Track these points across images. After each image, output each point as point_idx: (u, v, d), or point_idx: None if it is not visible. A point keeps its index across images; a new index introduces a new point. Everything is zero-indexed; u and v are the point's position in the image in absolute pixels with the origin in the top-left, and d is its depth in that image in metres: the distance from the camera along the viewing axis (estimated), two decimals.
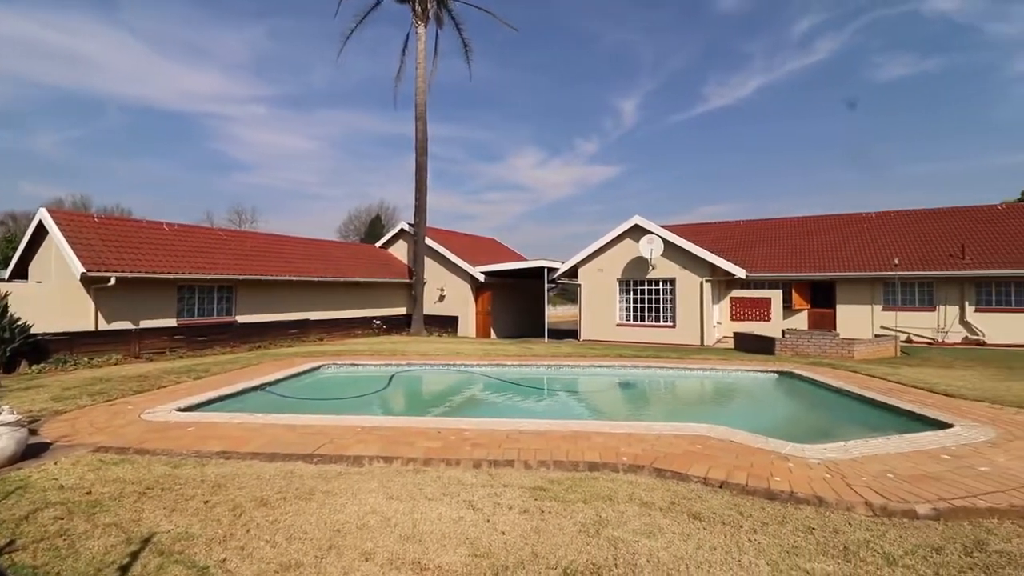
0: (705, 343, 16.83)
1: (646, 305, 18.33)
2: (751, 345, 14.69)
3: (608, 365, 11.51)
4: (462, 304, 21.44)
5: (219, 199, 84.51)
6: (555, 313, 46.80)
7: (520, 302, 24.18)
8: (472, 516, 3.50)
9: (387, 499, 3.82)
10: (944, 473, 4.26)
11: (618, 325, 18.57)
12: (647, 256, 17.49)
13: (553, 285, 25.03)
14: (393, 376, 10.43)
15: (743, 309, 19.01)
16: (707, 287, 17.16)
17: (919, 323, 18.37)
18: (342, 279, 18.70)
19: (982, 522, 3.46)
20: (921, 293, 18.62)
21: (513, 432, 5.51)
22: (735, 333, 16.17)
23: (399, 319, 21.49)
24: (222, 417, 6.38)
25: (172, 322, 13.93)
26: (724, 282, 19.09)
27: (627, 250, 18.39)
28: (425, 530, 3.29)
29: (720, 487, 4.04)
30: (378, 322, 20.46)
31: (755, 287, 19.79)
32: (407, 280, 21.56)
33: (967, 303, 17.84)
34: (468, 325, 21.25)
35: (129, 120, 71.73)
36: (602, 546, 3.06)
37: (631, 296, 18.63)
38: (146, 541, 3.15)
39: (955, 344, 17.48)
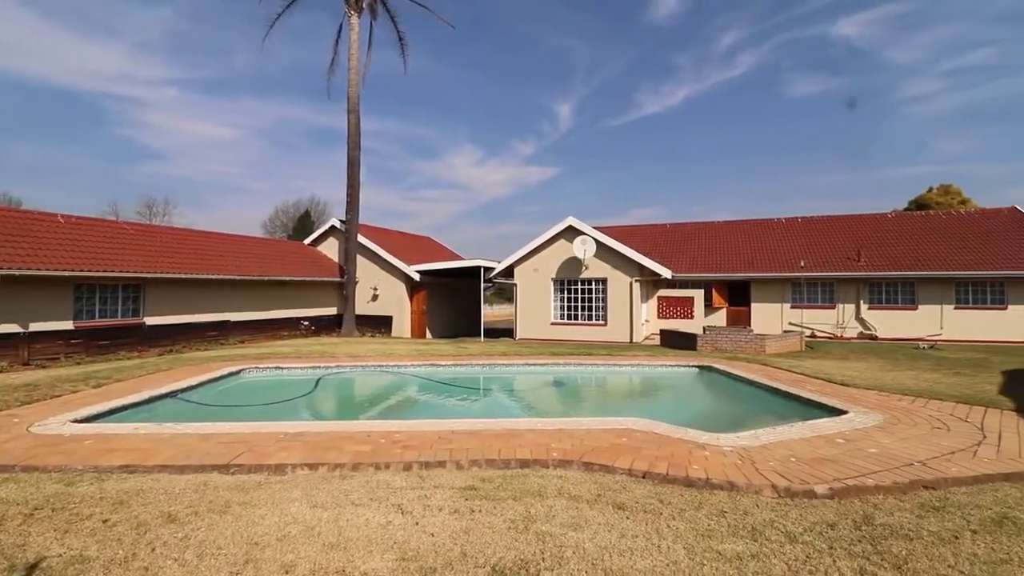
0: (634, 340, 17.54)
1: (579, 304, 18.82)
2: (675, 341, 15.48)
3: (542, 363, 11.70)
4: (396, 304, 20.99)
5: (127, 190, 77.15)
6: (492, 312, 46.93)
7: (456, 302, 24.04)
8: (401, 520, 3.44)
9: (311, 507, 3.66)
10: (839, 456, 4.71)
11: (553, 324, 18.93)
12: (580, 256, 17.97)
13: (489, 284, 25.11)
14: (320, 379, 10.02)
15: (669, 308, 20.00)
16: (636, 287, 17.89)
17: (821, 320, 20.18)
18: (267, 277, 17.70)
19: (870, 498, 3.85)
20: (823, 293, 20.45)
21: (445, 433, 5.47)
22: (661, 330, 16.97)
23: (329, 319, 20.69)
24: (125, 428, 5.85)
25: (68, 324, 12.58)
26: (652, 282, 19.98)
27: (561, 250, 18.79)
28: (351, 537, 3.19)
29: (643, 477, 4.22)
30: (306, 323, 19.59)
31: (680, 287, 20.87)
32: (338, 279, 20.80)
33: (862, 302, 19.82)
34: (403, 325, 20.84)
35: (17, 99, 63.90)
36: (530, 541, 3.11)
37: (565, 295, 19.05)
38: (33, 567, 2.83)
39: (852, 339, 19.34)
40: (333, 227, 22.73)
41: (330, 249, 22.69)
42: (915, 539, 3.17)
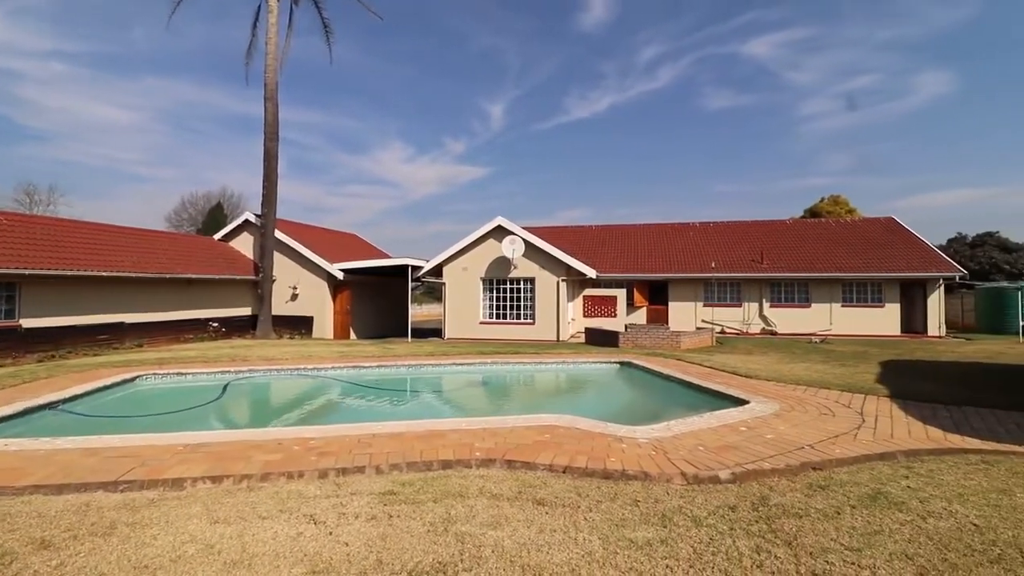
0: (561, 339, 17.96)
1: (508, 303, 18.98)
2: (599, 339, 16.04)
3: (469, 363, 11.66)
4: (318, 303, 20.05)
5: (1, 175, 67.85)
6: (420, 312, 46.14)
7: (383, 301, 23.40)
8: (313, 530, 3.27)
9: (211, 524, 3.39)
10: (741, 443, 5.07)
11: (481, 323, 18.95)
12: (509, 256, 18.13)
13: (418, 284, 24.67)
14: (229, 385, 9.34)
15: (594, 306, 20.69)
16: (563, 286, 18.33)
17: (730, 317, 21.77)
18: (170, 275, 16.21)
19: (766, 481, 4.18)
20: (731, 292, 22.07)
21: (366, 437, 5.29)
22: (586, 328, 17.52)
23: (243, 321, 19.37)
24: None
25: None
26: (578, 281, 20.56)
27: (491, 250, 18.85)
28: (256, 552, 2.98)
29: (564, 472, 4.31)
30: (216, 324, 18.20)
31: (604, 286, 21.65)
32: (253, 277, 19.52)
33: (764, 300, 21.60)
34: (324, 326, 19.94)
35: None
36: (449, 543, 3.07)
37: (494, 295, 19.14)
38: None
39: (756, 334, 21.02)
40: (248, 222, 21.29)
41: (244, 245, 21.24)
42: (803, 516, 3.48)
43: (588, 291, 20.99)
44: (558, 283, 18.32)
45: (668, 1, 78.11)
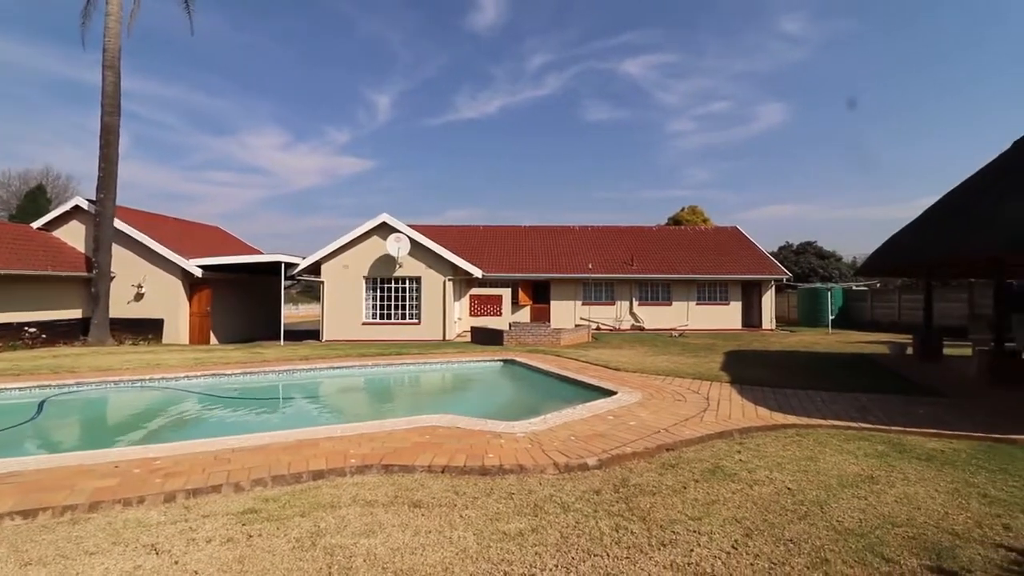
0: (447, 338, 17.92)
1: (393, 303, 18.48)
2: (484, 338, 16.29)
3: (349, 366, 11.14)
4: (170, 304, 17.71)
5: None
6: (296, 313, 43.12)
7: (252, 302, 21.42)
8: (154, 562, 2.89)
9: (21, 567, 2.85)
10: (608, 431, 5.49)
11: (364, 324, 18.22)
12: (394, 254, 17.66)
13: (293, 282, 22.97)
14: (47, 401, 7.89)
15: (480, 305, 20.97)
16: (450, 285, 18.30)
17: (604, 314, 23.42)
18: None
19: (627, 464, 4.57)
20: (606, 291, 23.76)
21: (224, 452, 4.80)
22: (472, 328, 17.68)
23: (70, 325, 16.45)
24: None
25: None
26: (465, 281, 20.66)
27: (374, 247, 18.20)
28: None
29: (442, 472, 4.32)
30: (33, 330, 15.24)
31: (490, 286, 22.04)
32: (85, 274, 16.67)
33: (634, 299, 23.57)
34: (178, 330, 17.69)
35: None
36: (317, 558, 2.91)
37: (378, 294, 18.50)
38: None
39: (626, 330, 22.85)
40: (79, 208, 18.07)
41: (74, 236, 18.02)
42: (656, 493, 3.87)
43: (475, 290, 21.21)
44: (445, 282, 18.25)
45: (554, 13, 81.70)
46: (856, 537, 3.15)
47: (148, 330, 17.33)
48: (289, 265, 18.14)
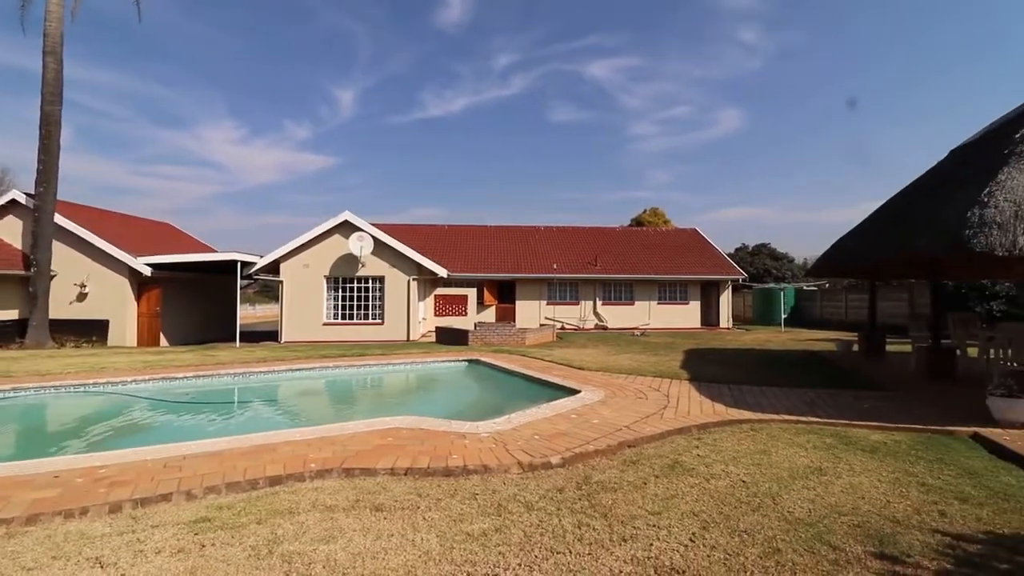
0: (411, 338, 17.71)
1: (355, 303, 18.13)
2: (450, 338, 16.19)
3: (310, 367, 10.86)
4: (116, 305, 16.80)
5: None
6: (253, 313, 41.77)
7: (206, 302, 20.59)
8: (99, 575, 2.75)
9: None
10: (571, 429, 5.55)
11: (325, 324, 17.80)
12: (357, 253, 17.33)
13: (251, 281, 22.22)
14: None
15: (445, 305, 20.81)
16: (414, 285, 18.09)
17: (569, 314, 23.68)
18: None
19: (590, 462, 4.64)
20: (571, 291, 24.04)
21: (175, 459, 4.60)
22: (437, 328, 17.54)
23: (6, 327, 15.39)
24: None
25: None
26: (430, 280, 20.47)
27: (336, 246, 17.81)
28: None
29: (405, 474, 4.27)
30: None
31: (456, 286, 21.91)
32: (21, 272, 15.63)
33: (598, 299, 23.93)
34: (125, 331, 16.79)
35: None
36: (274, 566, 2.82)
37: (340, 294, 18.11)
38: None
39: (590, 329, 23.17)
40: (15, 202, 16.90)
41: (10, 232, 16.85)
42: (618, 490, 3.94)
43: (440, 290, 21.04)
44: (409, 282, 18.03)
45: (521, 12, 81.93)
46: (806, 527, 3.30)
47: (92, 332, 16.39)
48: (246, 264, 17.54)
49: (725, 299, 24.63)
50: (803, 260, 42.19)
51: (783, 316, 24.56)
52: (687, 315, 24.32)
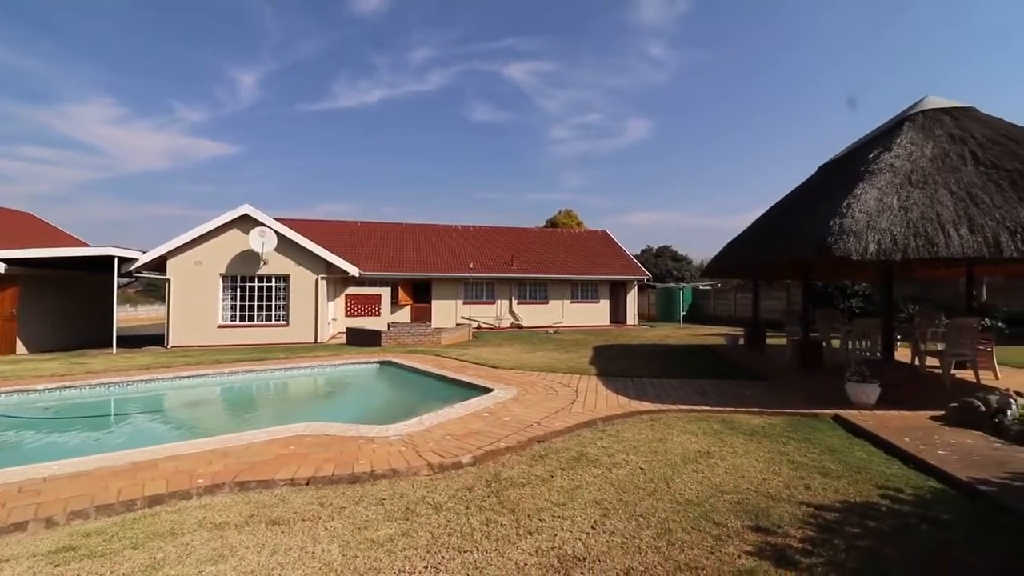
0: (320, 340, 16.85)
1: (256, 303, 16.89)
2: (361, 339, 15.62)
3: (200, 374, 9.96)
4: None
5: None
6: (135, 316, 37.60)
7: (76, 303, 18.14)
8: None
9: None
10: (483, 428, 5.59)
11: (221, 327, 16.41)
12: (258, 250, 16.16)
13: (131, 280, 19.90)
14: None
15: (357, 305, 20.03)
16: (323, 284, 17.23)
17: (485, 313, 23.81)
18: None
19: (500, 458, 4.70)
20: (487, 291, 24.18)
21: (31, 482, 4.01)
22: (348, 328, 16.85)
23: None
24: None
25: None
26: (340, 280, 19.60)
27: (234, 242, 16.47)
28: None
29: (307, 484, 4.06)
30: None
31: (369, 285, 21.18)
32: None
33: (513, 298, 24.29)
34: None
35: None
36: None
37: (238, 293, 16.78)
38: None
39: (506, 328, 23.46)
40: None
41: None
42: (526, 485, 4.03)
43: (351, 290, 20.22)
44: (317, 281, 17.13)
45: (441, 7, 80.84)
46: (694, 506, 3.59)
47: None
48: (125, 260, 15.67)
49: (632, 298, 26.08)
50: (700, 261, 45.77)
51: (682, 313, 26.52)
52: (597, 313, 25.44)
